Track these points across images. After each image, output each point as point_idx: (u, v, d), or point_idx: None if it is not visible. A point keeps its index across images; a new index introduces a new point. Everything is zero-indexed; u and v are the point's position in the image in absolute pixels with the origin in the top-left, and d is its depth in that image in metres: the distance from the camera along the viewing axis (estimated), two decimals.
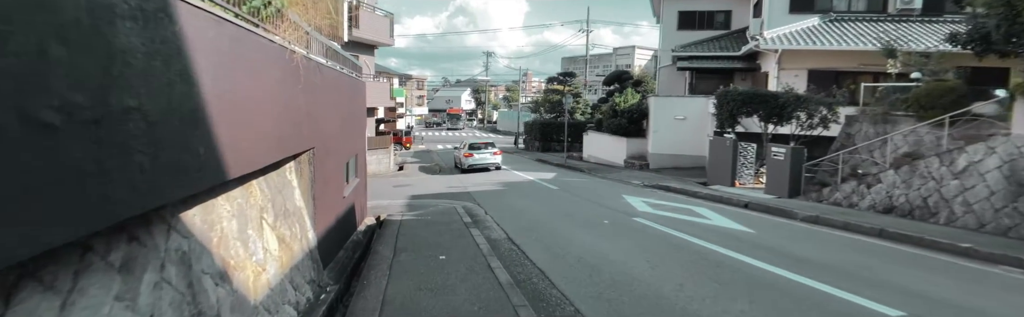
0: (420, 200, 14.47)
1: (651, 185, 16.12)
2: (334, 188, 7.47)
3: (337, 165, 7.71)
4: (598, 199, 12.94)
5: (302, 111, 5.67)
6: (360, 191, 10.46)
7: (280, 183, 5.63)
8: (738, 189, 14.79)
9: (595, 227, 9.30)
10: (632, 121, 22.68)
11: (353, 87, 9.67)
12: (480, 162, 22.16)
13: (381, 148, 23.32)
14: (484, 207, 12.35)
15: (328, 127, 7.09)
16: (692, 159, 21.18)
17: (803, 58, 19.65)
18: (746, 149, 15.63)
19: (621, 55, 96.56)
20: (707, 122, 21.08)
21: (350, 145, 9.10)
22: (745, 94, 15.86)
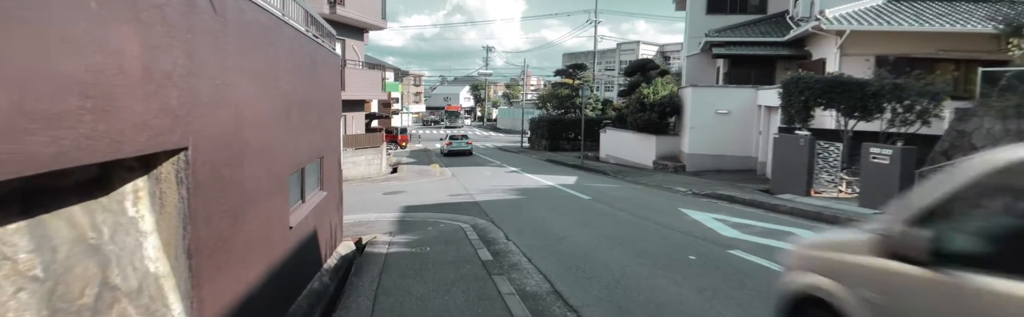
0: (416, 214, 11.27)
1: (704, 194, 12.93)
2: (263, 218, 4.27)
3: (272, 179, 4.52)
4: (651, 215, 9.76)
5: (153, 70, 2.51)
6: (328, 209, 7.26)
7: (102, 224, 2.49)
8: (820, 200, 11.62)
9: (684, 268, 6.11)
10: (664, 116, 19.52)
11: (316, 59, 6.47)
12: (457, 148, 30.99)
13: (371, 147, 20.11)
14: (501, 226, 9.15)
15: (247, 111, 3.90)
16: (737, 160, 18.02)
17: (872, 42, 16.48)
18: (826, 150, 12.46)
19: (625, 51, 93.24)
20: (754, 117, 17.94)
21: (307, 144, 5.91)
22: (825, 81, 12.70)
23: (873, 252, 2.45)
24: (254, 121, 4.06)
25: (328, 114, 7.37)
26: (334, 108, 7.92)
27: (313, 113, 6.25)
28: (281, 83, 4.85)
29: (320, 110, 6.72)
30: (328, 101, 7.38)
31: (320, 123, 6.67)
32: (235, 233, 3.64)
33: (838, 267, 2.73)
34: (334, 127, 7.91)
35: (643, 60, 24.48)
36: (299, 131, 5.52)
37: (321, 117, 6.80)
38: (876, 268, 2.42)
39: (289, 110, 5.10)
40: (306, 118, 5.89)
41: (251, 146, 3.97)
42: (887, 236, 2.38)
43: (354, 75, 18.62)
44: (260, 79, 4.26)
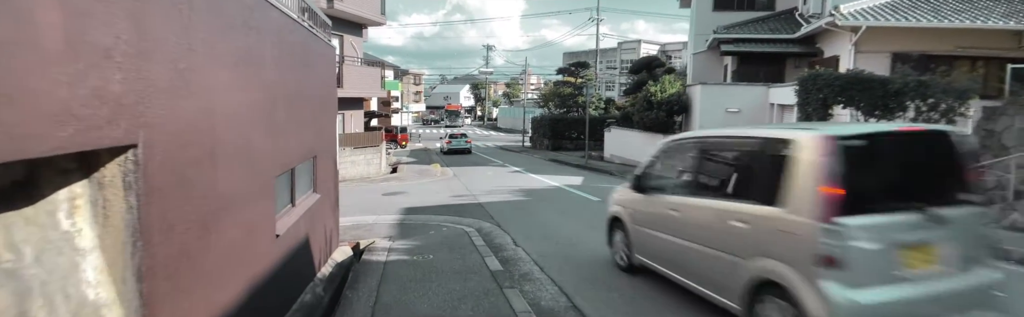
0: (417, 216, 10.70)
1: None
2: (243, 227, 3.70)
3: (255, 181, 3.95)
4: None
5: (81, 45, 1.93)
6: (322, 213, 6.69)
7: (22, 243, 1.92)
8: None
9: None
10: (671, 114, 18.94)
11: (308, 49, 5.90)
12: (456, 147, 31.63)
13: (370, 146, 19.53)
14: (508, 231, 8.58)
15: (222, 103, 3.33)
16: None
17: (888, 38, 15.93)
18: None
19: (626, 50, 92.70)
20: (765, 116, 17.37)
21: (297, 142, 5.34)
22: (844, 78, 12.11)
23: (628, 189, 5.73)
24: (231, 115, 3.49)
25: (322, 110, 6.79)
26: (329, 104, 7.34)
27: (305, 109, 5.67)
28: (266, 73, 4.28)
29: (313, 106, 6.14)
30: (322, 96, 6.80)
31: (313, 120, 6.10)
32: (205, 247, 3.07)
33: (620, 198, 6.13)
34: (329, 124, 7.34)
35: (649, 57, 23.90)
36: (288, 128, 4.95)
37: (314, 113, 6.22)
38: (630, 196, 5.67)
39: (275, 104, 4.52)
40: (297, 114, 5.32)
41: (227, 144, 3.39)
42: (629, 181, 5.77)
43: (352, 72, 18.04)
44: (239, 67, 3.68)
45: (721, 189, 4.38)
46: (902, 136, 3.93)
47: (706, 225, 4.33)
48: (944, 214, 3.50)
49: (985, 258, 3.78)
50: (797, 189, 3.54)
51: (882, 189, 3.70)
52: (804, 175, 3.53)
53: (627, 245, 5.73)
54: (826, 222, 3.32)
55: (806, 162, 3.54)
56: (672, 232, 4.79)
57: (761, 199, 3.80)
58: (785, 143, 3.79)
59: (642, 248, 5.41)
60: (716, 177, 4.66)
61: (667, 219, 4.86)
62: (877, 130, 3.95)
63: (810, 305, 3.29)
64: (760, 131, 4.39)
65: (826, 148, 3.47)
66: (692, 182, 4.85)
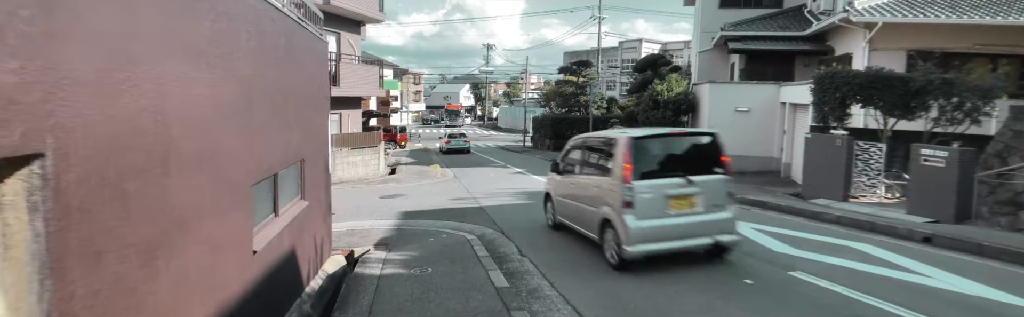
0: (416, 221, 10.15)
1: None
2: (207, 246, 3.15)
3: (224, 190, 3.40)
4: None
5: None
6: (311, 222, 6.14)
7: None
8: (862, 206, 10.49)
9: (743, 297, 5.00)
10: (678, 114, 18.39)
11: (294, 42, 5.35)
12: (455, 146, 31.74)
13: (368, 147, 18.97)
14: (512, 238, 8.03)
15: (178, 100, 2.78)
16: (758, 162, 16.89)
17: (904, 35, 15.38)
18: (867, 151, 11.33)
19: (627, 49, 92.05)
20: (776, 115, 16.82)
21: (281, 145, 4.79)
22: (864, 76, 11.57)
23: (553, 172, 8.20)
24: (191, 114, 2.94)
25: (312, 109, 6.24)
26: (320, 102, 6.79)
27: (290, 107, 5.12)
28: (240, 66, 3.73)
29: (301, 104, 5.59)
30: (312, 94, 6.24)
31: (300, 119, 5.55)
32: (152, 275, 2.51)
33: (548, 179, 8.46)
34: (320, 125, 6.79)
35: (654, 55, 23.32)
36: (269, 129, 4.40)
37: (302, 113, 5.67)
38: (553, 177, 8.22)
39: (252, 102, 3.97)
40: (280, 113, 4.76)
41: (185, 148, 2.84)
42: (553, 166, 8.29)
43: (350, 70, 17.49)
44: (204, 57, 3.13)
45: (591, 168, 7.17)
46: (675, 135, 6.65)
47: (585, 191, 7.04)
48: (697, 179, 6.02)
49: (724, 204, 6.33)
50: (615, 166, 6.14)
51: (658, 165, 6.17)
52: (618, 158, 6.09)
53: (553, 211, 8.50)
54: (627, 183, 5.87)
55: (619, 151, 6.13)
56: (572, 198, 7.53)
57: (605, 173, 6.47)
58: (613, 140, 6.43)
59: (559, 211, 8.20)
60: (590, 161, 7.32)
61: (570, 189, 7.65)
62: (658, 133, 6.58)
63: (620, 230, 5.91)
64: (606, 133, 7.28)
65: (628, 143, 6.04)
66: (580, 165, 7.58)
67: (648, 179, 5.88)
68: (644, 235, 5.79)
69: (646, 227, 5.79)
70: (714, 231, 6.05)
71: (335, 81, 16.88)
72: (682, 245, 5.98)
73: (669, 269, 5.96)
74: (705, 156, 6.35)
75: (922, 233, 7.72)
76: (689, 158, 6.33)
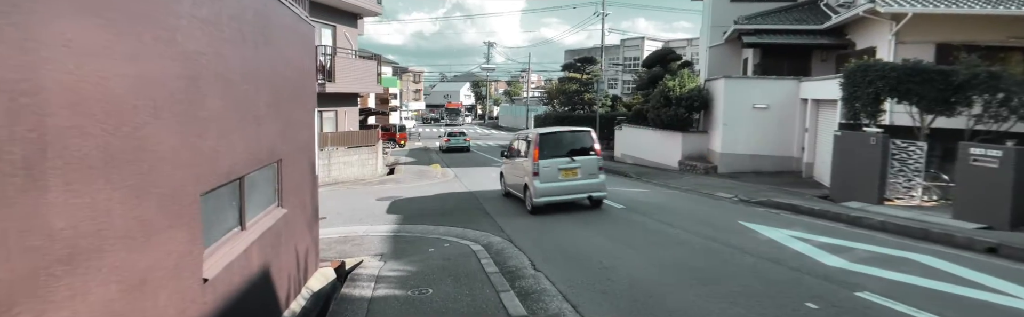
0: (415, 227, 9.28)
1: (757, 201, 10.95)
2: (120, 284, 2.26)
3: (156, 203, 2.51)
4: (712, 232, 7.76)
5: None
6: (291, 233, 5.25)
7: None
8: (900, 210, 9.61)
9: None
10: (691, 111, 17.50)
11: (269, 19, 4.47)
12: (454, 145, 31.57)
13: (366, 145, 18.08)
14: (522, 248, 7.15)
15: (57, 74, 1.89)
16: (776, 161, 16.02)
17: (934, 27, 14.53)
18: (904, 150, 10.44)
19: (629, 47, 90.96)
20: (796, 112, 15.94)
21: (249, 142, 3.91)
22: (901, 69, 10.68)
23: (503, 157, 12.63)
24: (92, 97, 2.05)
25: (293, 101, 5.35)
26: (304, 95, 5.90)
27: (262, 97, 4.24)
28: (183, 39, 2.84)
29: (277, 95, 4.70)
30: (294, 84, 5.36)
31: (277, 113, 4.66)
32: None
33: (502, 162, 12.89)
34: (304, 120, 5.90)
35: (663, 50, 22.39)
36: (228, 122, 3.51)
37: (280, 105, 4.78)
38: (504, 161, 12.58)
39: (202, 87, 3.09)
40: (246, 104, 3.88)
41: (73, 147, 1.96)
42: (502, 154, 12.81)
43: (346, 65, 16.59)
44: (120, 22, 2.24)
45: (520, 153, 10.81)
46: (566, 132, 10.24)
47: (519, 169, 10.66)
48: (578, 158, 9.81)
49: (597, 174, 9.98)
50: (530, 151, 9.84)
51: (555, 150, 9.77)
52: (532, 146, 9.83)
53: (503, 184, 12.56)
54: (535, 162, 9.59)
55: (532, 142, 9.89)
56: (513, 174, 11.23)
57: (527, 156, 10.08)
58: (531, 135, 10.23)
59: (507, 183, 12.13)
60: (520, 149, 10.93)
61: (511, 168, 11.58)
62: (556, 130, 10.37)
63: (531, 189, 9.71)
64: (530, 131, 11.09)
65: (537, 136, 9.84)
66: (516, 152, 11.29)
67: (547, 158, 9.85)
68: (544, 192, 9.77)
69: (545, 187, 9.78)
70: (590, 190, 10.08)
71: (330, 76, 15.99)
72: (568, 198, 10.04)
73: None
74: (584, 144, 10.22)
75: (985, 242, 6.83)
76: (574, 145, 10.14)
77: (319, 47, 16.08)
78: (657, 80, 20.82)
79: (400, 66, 67.09)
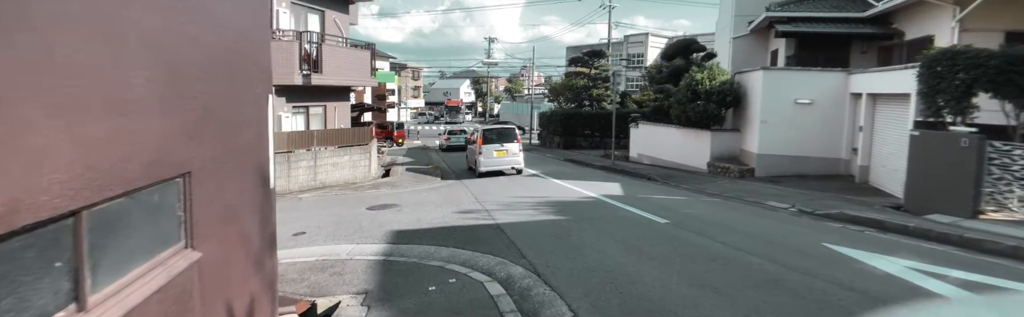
0: (411, 248, 7.43)
1: (822, 213, 9.11)
2: None
3: None
4: (801, 262, 5.91)
5: None
6: (222, 282, 3.39)
7: None
8: (1006, 226, 7.75)
9: None
10: (723, 106, 15.64)
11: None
12: (455, 144, 30.11)
13: (358, 145, 16.20)
14: (556, 287, 5.30)
15: None
16: (821, 164, 14.17)
17: (1005, 12, 12.74)
18: (1009, 154, 8.59)
19: (633, 43, 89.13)
20: (845, 108, 14.09)
21: (78, 148, 2.05)
22: (1003, 56, 8.83)
23: (468, 143, 21.56)
24: None
25: (225, 81, 3.48)
26: (248, 71, 4.02)
27: (132, 70, 2.37)
28: None
29: (181, 68, 2.84)
30: (222, 52, 3.49)
31: (179, 96, 2.80)
32: None
33: (468, 148, 19.99)
34: (248, 110, 4.03)
35: (686, 40, 20.48)
36: (27, 111, 1.65)
37: (187, 83, 2.92)
38: (468, 146, 20.06)
39: None
40: (96, 82, 2.02)
41: None
42: (465, 142, 23.81)
43: (334, 54, 14.72)
44: None
45: (473, 143, 17.95)
46: (501, 129, 17.31)
47: (472, 152, 17.81)
48: (506, 144, 16.57)
49: (518, 154, 16.71)
50: (476, 140, 17.07)
51: (493, 139, 16.63)
52: (477, 137, 17.28)
53: (469, 161, 18.80)
54: (480, 146, 16.51)
55: (478, 134, 17.37)
56: (473, 155, 17.59)
57: (475, 143, 17.26)
58: (478, 129, 19.04)
59: (468, 159, 19.39)
60: (474, 140, 17.98)
61: (471, 153, 18.24)
62: (493, 127, 17.98)
63: (480, 163, 16.57)
64: (479, 127, 20.79)
65: (481, 130, 17.34)
66: (471, 141, 18.99)
67: (487, 144, 16.29)
68: (485, 164, 16.32)
69: (486, 161, 16.28)
70: (514, 163, 16.51)
71: (317, 67, 14.13)
72: (500, 169, 16.51)
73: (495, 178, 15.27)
74: (511, 135, 16.62)
75: None
76: (504, 136, 16.51)
77: (305, 33, 14.18)
78: (680, 73, 18.94)
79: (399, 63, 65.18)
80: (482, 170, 16.41)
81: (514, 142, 16.49)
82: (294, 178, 13.96)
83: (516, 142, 16.54)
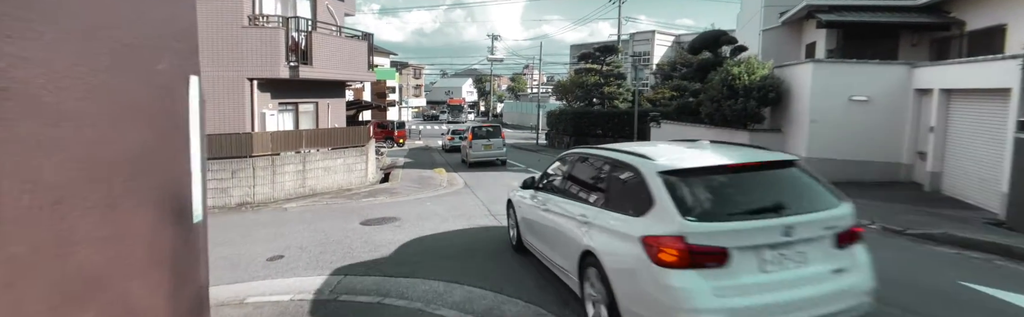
0: (411, 286, 5.74)
1: (922, 233, 7.40)
2: None
3: None
4: (945, 314, 4.20)
5: None
6: None
7: None
8: None
9: None
10: (764, 103, 13.94)
11: None
12: (459, 144, 29.58)
13: (354, 146, 14.50)
14: None
15: None
16: (880, 169, 12.47)
17: None
18: None
19: (639, 41, 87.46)
20: (906, 106, 12.38)
21: None
22: None
23: (460, 139, 25.63)
24: None
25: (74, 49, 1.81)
26: (138, 35, 2.33)
27: None
28: None
29: None
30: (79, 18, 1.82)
31: None
32: None
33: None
34: (139, 101, 2.34)
35: (715, 31, 18.75)
36: None
37: None
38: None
39: None
40: None
41: None
42: (461, 139, 25.37)
43: (325, 44, 13.04)
44: None
45: (464, 138, 22.24)
46: (487, 126, 21.06)
47: (465, 147, 21.20)
48: (492, 140, 20.20)
49: (503, 147, 20.33)
50: (468, 136, 20.81)
51: (482, 135, 20.29)
52: (467, 134, 21.28)
53: (462, 154, 22.26)
54: (470, 141, 20.24)
55: (468, 132, 21.06)
56: (465, 149, 21.36)
57: (466, 139, 21.39)
58: (467, 128, 22.58)
59: (464, 155, 21.78)
60: (464, 136, 22.82)
61: (463, 147, 22.19)
62: (481, 125, 21.72)
63: (470, 155, 20.26)
64: (470, 125, 24.10)
65: (471, 128, 21.03)
66: (463, 137, 24.16)
67: (476, 139, 20.02)
68: (474, 156, 20.00)
69: (474, 153, 19.97)
70: (499, 156, 20.20)
71: (305, 58, 12.44)
72: (488, 159, 20.09)
73: None
74: (495, 131, 20.33)
75: None
76: (488, 132, 20.30)
77: (292, 19, 12.51)
78: (707, 68, 17.24)
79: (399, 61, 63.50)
80: (471, 161, 20.03)
81: (499, 138, 20.24)
82: (279, 185, 12.27)
83: (501, 137, 20.32)
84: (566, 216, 4.67)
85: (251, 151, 11.71)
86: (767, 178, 3.94)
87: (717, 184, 3.76)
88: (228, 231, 8.97)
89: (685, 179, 3.65)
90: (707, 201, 3.59)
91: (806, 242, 3.49)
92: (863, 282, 3.58)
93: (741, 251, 3.31)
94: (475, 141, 19.96)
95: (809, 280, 3.39)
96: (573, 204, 4.67)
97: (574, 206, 4.62)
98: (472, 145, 19.94)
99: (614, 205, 4.04)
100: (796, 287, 3.33)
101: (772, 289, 3.27)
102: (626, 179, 4.04)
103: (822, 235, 3.58)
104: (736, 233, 3.35)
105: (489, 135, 20.14)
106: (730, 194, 3.74)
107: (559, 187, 5.36)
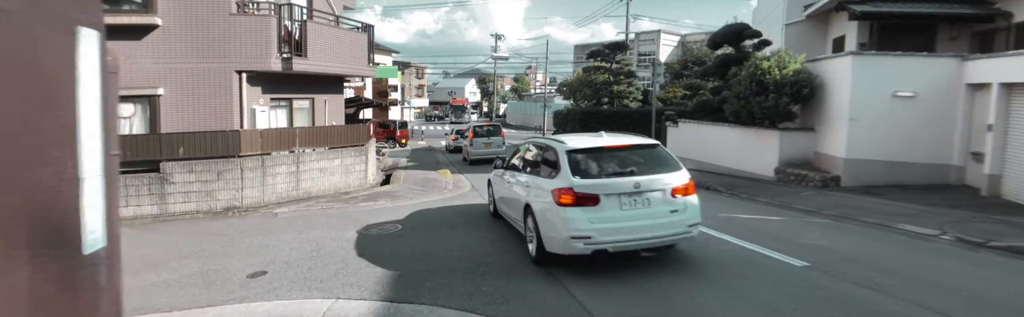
0: (415, 314, 4.70)
1: (1008, 247, 6.35)
2: None
3: None
4: None
5: None
6: None
7: None
8: None
9: None
10: (797, 100, 12.86)
11: None
12: (461, 144, 31.65)
13: (352, 146, 13.46)
14: None
15: None
16: (926, 171, 11.40)
17: None
18: None
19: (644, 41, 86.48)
20: (957, 103, 11.32)
21: None
22: None
23: (460, 137, 24.64)
24: None
25: None
26: None
27: None
28: None
29: None
30: None
31: None
32: None
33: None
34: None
35: (738, 25, 17.65)
36: None
37: None
38: (460, 140, 23.64)
39: None
40: None
41: None
42: (459, 134, 25.70)
43: (323, 34, 12.01)
44: None
45: (465, 137, 22.64)
46: (488, 125, 21.87)
47: (466, 145, 21.49)
48: (491, 138, 20.71)
49: (502, 146, 20.31)
50: (469, 134, 21.47)
51: (480, 133, 21.10)
52: (468, 132, 22.07)
53: (463, 152, 22.36)
54: (471, 140, 20.76)
55: (469, 130, 22.11)
56: (466, 147, 21.49)
57: (467, 137, 22.18)
58: (469, 127, 23.79)
59: (465, 153, 21.90)
60: (465, 134, 23.23)
61: (464, 146, 22.43)
62: (480, 123, 23.52)
63: (470, 152, 20.60)
64: (471, 124, 24.13)
65: (471, 127, 22.21)
66: (464, 136, 23.24)
67: (476, 137, 20.42)
68: (474, 154, 20.01)
69: (474, 151, 20.05)
70: (497, 153, 17.44)
71: (300, 49, 11.42)
72: (487, 157, 18.24)
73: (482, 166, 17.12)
74: (495, 130, 20.89)
75: None
76: (488, 131, 20.80)
77: (285, 6, 11.49)
78: (728, 63, 16.18)
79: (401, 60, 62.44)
80: (472, 158, 20.43)
81: (499, 136, 20.86)
82: (270, 187, 11.23)
83: (501, 136, 20.96)
84: (519, 184, 6.78)
85: (239, 150, 10.68)
86: (632, 154, 5.93)
87: (598, 157, 5.86)
88: (207, 241, 7.93)
89: (580, 154, 5.80)
90: (590, 167, 5.71)
91: (650, 192, 5.52)
92: (689, 219, 5.65)
93: (607, 196, 5.40)
94: (476, 139, 20.65)
95: (651, 215, 5.48)
96: (522, 175, 6.82)
97: (522, 176, 6.78)
98: (473, 143, 20.61)
99: (542, 173, 6.15)
100: (642, 219, 5.43)
101: (626, 220, 5.39)
102: (548, 156, 6.18)
103: (662, 188, 5.56)
104: (603, 185, 5.46)
105: (489, 134, 20.84)
106: (605, 164, 5.82)
107: (516, 165, 7.46)
